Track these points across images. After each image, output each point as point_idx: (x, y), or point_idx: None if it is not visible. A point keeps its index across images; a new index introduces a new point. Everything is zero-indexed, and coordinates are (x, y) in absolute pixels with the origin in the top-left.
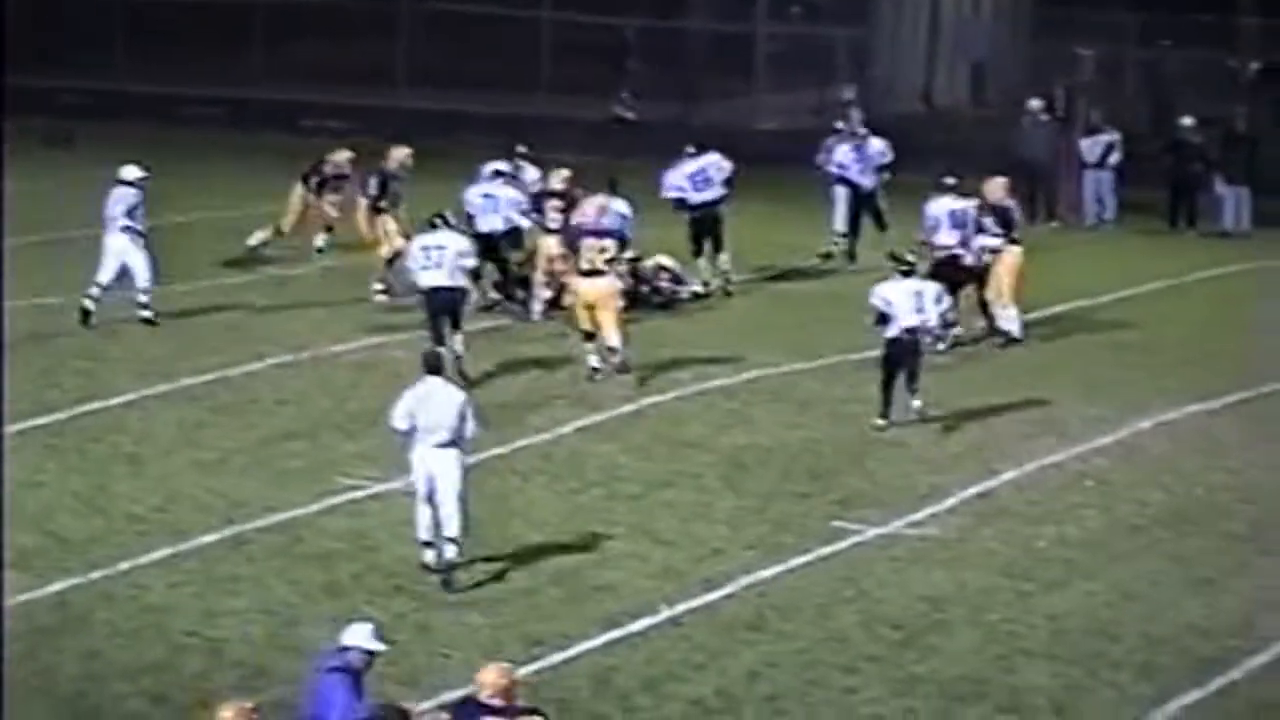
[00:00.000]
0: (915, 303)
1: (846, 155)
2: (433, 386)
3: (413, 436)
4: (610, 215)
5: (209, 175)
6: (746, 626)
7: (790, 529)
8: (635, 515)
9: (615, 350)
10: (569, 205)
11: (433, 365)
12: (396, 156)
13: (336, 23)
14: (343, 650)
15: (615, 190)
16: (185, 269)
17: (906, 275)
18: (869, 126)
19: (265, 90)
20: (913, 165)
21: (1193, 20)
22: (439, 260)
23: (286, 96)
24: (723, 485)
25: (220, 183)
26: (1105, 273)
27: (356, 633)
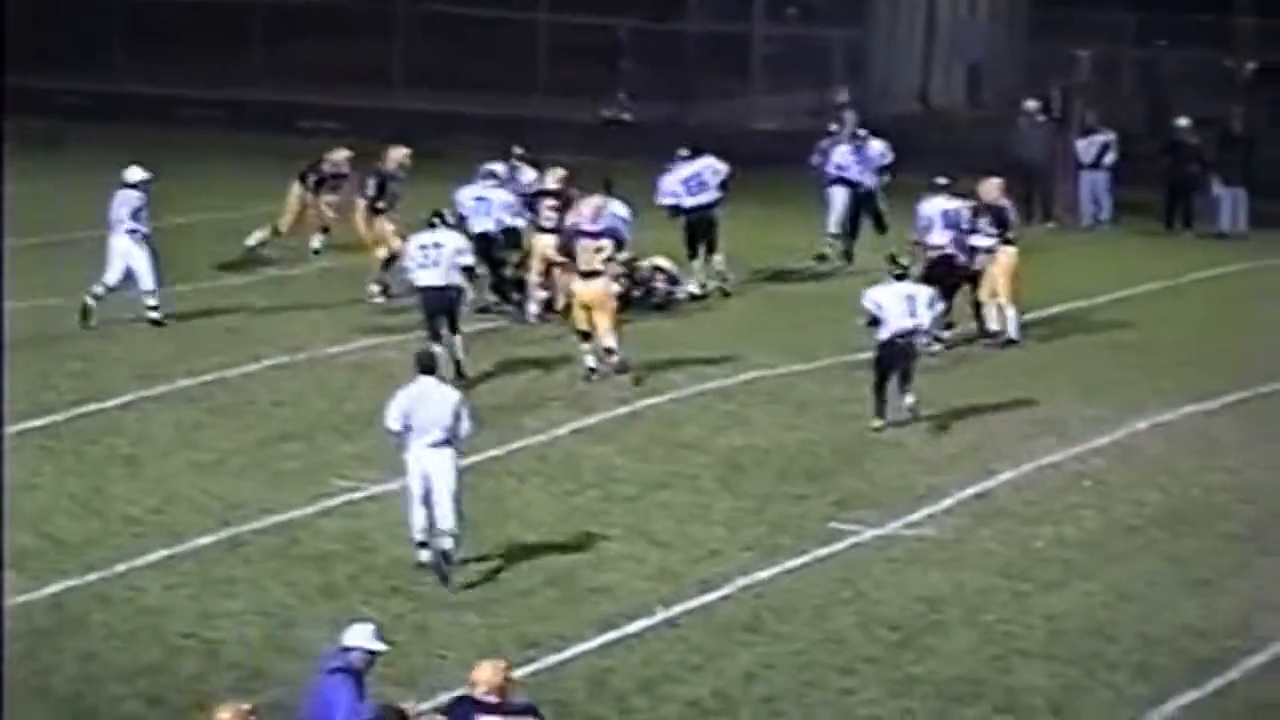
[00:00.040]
0: (907, 307)
1: (845, 156)
2: (426, 386)
3: (407, 437)
4: (607, 217)
5: (207, 176)
6: (743, 628)
7: (787, 530)
8: (631, 517)
9: (612, 351)
10: (564, 204)
11: (426, 365)
12: (395, 157)
13: (334, 24)
14: (345, 651)
15: (611, 191)
16: (183, 270)
17: (900, 278)
18: (867, 127)
19: (263, 91)
20: (909, 166)
21: (1189, 20)
22: (436, 259)
23: (284, 98)
24: (719, 487)
25: (218, 184)
26: (1102, 273)
27: (358, 633)
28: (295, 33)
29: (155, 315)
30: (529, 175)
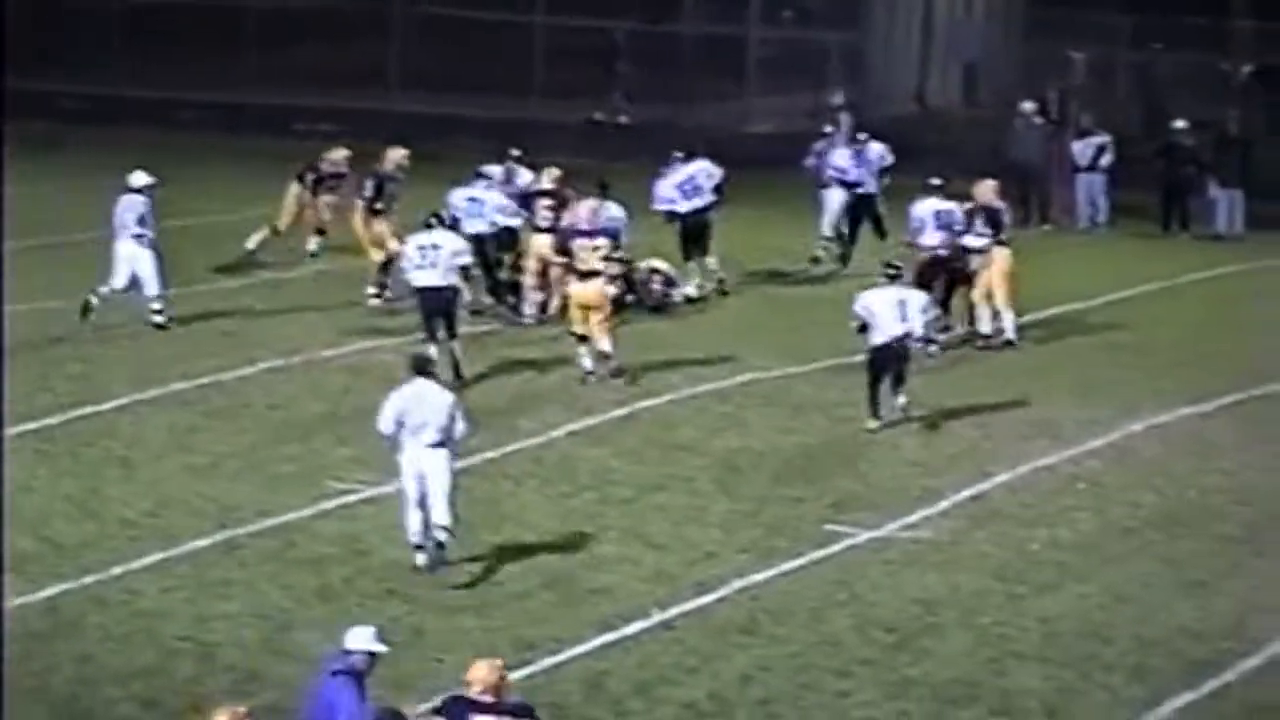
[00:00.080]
0: (899, 312)
1: (845, 159)
2: (420, 388)
3: (400, 439)
4: (603, 217)
5: (204, 179)
6: (739, 630)
7: (783, 532)
8: (627, 519)
9: (609, 356)
10: (560, 204)
11: (420, 367)
12: (393, 158)
13: (330, 27)
14: (346, 654)
15: (606, 193)
16: (179, 273)
17: (893, 280)
18: (864, 129)
19: (260, 94)
20: (906, 167)
21: (1185, 23)
22: (434, 260)
23: (281, 100)
24: (715, 489)
25: (215, 186)
26: (1098, 275)
27: (359, 636)
28: (292, 36)
29: (159, 320)
30: (526, 177)
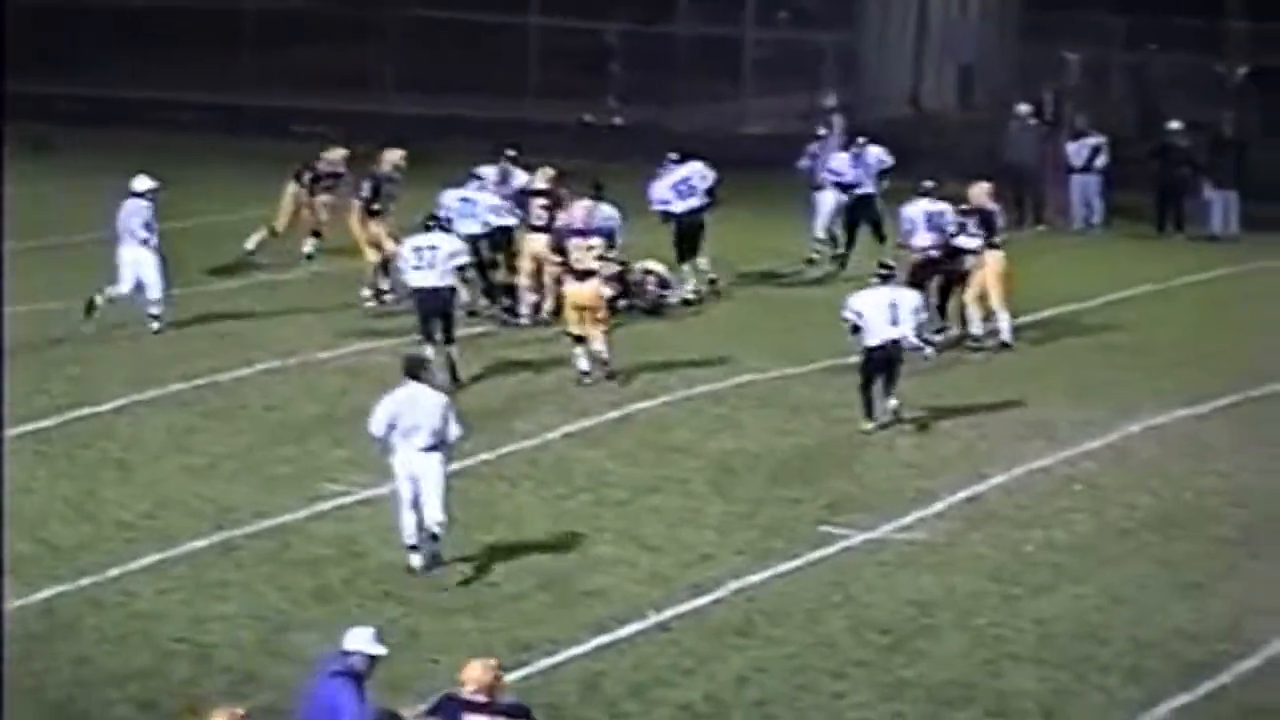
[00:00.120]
0: (889, 315)
1: (842, 161)
2: (414, 391)
3: (392, 441)
4: (598, 217)
5: (200, 181)
6: (735, 632)
7: (779, 534)
8: (623, 521)
9: (605, 360)
10: (554, 204)
11: (413, 370)
12: (390, 159)
13: (326, 29)
14: (345, 655)
15: (600, 193)
16: (176, 274)
17: (885, 280)
18: (859, 131)
19: (256, 96)
20: (901, 169)
21: (1180, 24)
22: (431, 261)
23: (277, 103)
24: (711, 490)
25: (211, 188)
26: (1093, 276)
27: (358, 637)
28: (288, 38)
29: (156, 326)
30: (521, 177)
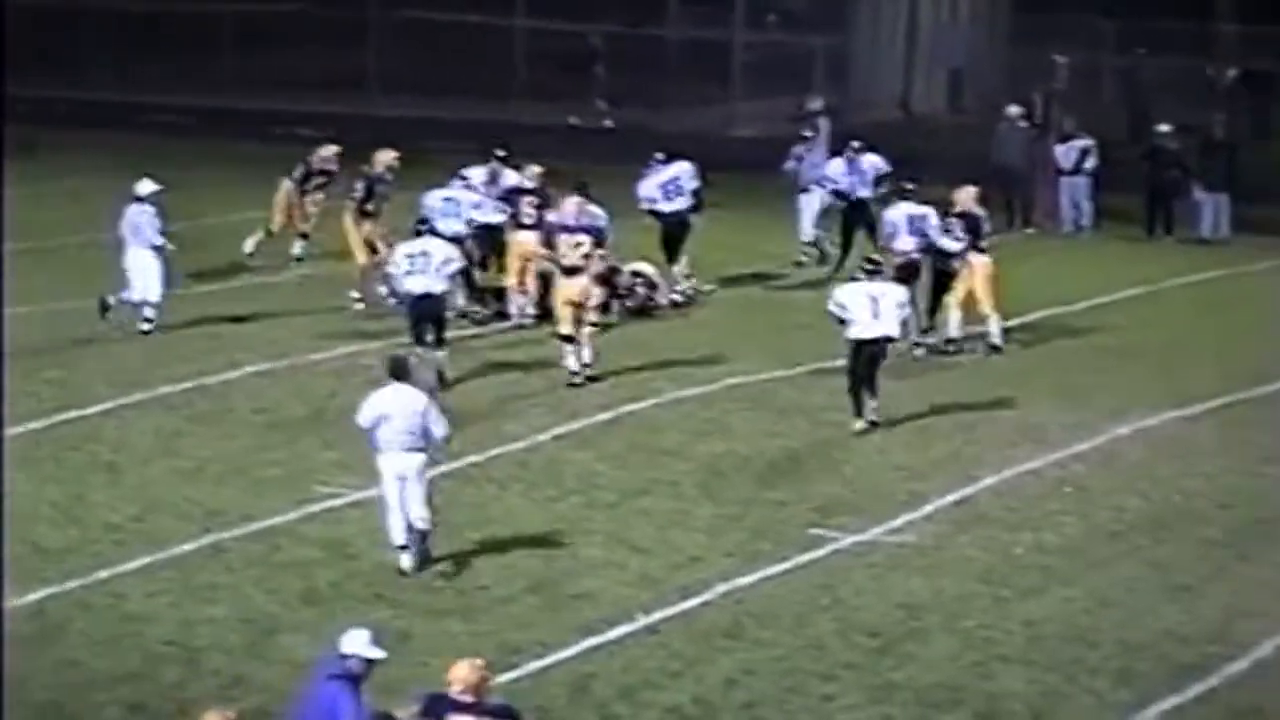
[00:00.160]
0: (872, 308)
1: (836, 168)
2: (398, 392)
3: (378, 444)
4: (586, 214)
5: (186, 184)
6: (724, 634)
7: (768, 536)
8: (612, 523)
9: (587, 364)
10: (543, 202)
11: (398, 370)
12: (382, 160)
13: (308, 30)
14: (342, 658)
15: (587, 194)
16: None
17: (870, 275)
18: (850, 136)
19: (241, 99)
20: (891, 173)
21: (1170, 27)
22: (424, 266)
23: (261, 105)
24: (700, 493)
25: (197, 191)
26: (1083, 279)
27: (355, 640)
28: (271, 40)
29: (147, 328)
30: (511, 178)
